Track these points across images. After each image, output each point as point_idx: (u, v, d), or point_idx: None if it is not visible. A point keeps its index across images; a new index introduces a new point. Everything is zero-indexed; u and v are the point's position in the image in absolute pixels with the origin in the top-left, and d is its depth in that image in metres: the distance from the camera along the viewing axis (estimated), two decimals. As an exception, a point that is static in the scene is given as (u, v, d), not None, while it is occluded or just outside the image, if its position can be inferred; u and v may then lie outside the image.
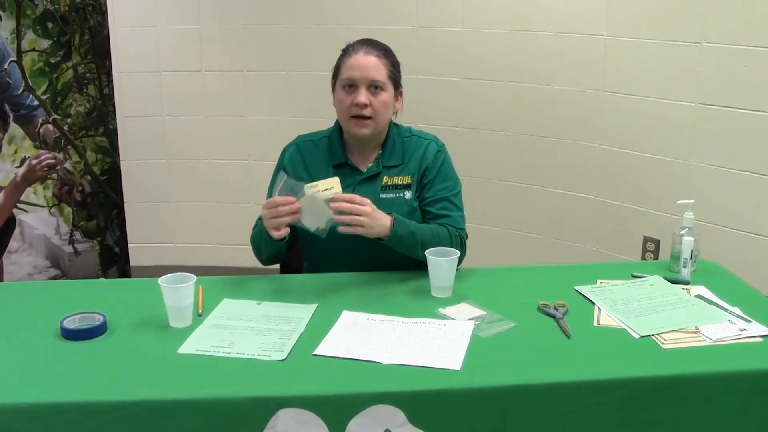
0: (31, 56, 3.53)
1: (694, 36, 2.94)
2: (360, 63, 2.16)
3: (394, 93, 2.22)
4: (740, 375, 1.66)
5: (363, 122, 2.17)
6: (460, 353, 1.69)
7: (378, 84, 2.16)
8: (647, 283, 2.10)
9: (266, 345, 1.73)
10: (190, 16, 3.85)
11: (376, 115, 2.17)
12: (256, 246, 2.23)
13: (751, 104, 2.83)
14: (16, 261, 3.65)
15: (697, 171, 3.03)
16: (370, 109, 2.15)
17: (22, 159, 3.59)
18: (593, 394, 1.61)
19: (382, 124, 2.21)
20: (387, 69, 2.18)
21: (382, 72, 2.17)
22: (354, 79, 2.16)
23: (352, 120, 2.18)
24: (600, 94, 3.29)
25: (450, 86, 3.66)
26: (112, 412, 1.52)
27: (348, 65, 2.18)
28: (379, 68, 2.17)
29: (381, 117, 2.19)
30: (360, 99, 2.14)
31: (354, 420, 1.55)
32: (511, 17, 3.46)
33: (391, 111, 2.24)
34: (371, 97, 2.15)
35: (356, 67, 2.16)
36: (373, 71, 2.16)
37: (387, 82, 2.18)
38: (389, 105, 2.20)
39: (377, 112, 2.17)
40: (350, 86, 2.17)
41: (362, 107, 2.14)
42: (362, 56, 2.17)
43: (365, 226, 1.99)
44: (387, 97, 2.18)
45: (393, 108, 2.24)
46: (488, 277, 2.18)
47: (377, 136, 2.23)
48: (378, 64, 2.17)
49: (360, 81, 2.15)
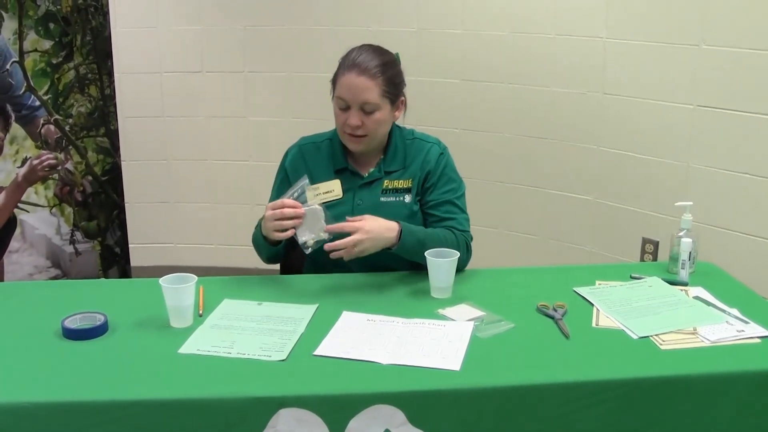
0: (33, 57, 3.54)
1: (693, 38, 2.95)
2: (351, 84, 2.11)
3: (391, 107, 2.18)
4: (738, 376, 1.66)
5: (357, 139, 2.17)
6: (459, 353, 1.70)
7: (369, 107, 2.12)
8: (646, 284, 2.10)
9: (267, 345, 1.74)
10: (191, 17, 3.86)
11: (369, 133, 2.15)
12: (256, 246, 2.24)
13: (749, 106, 2.84)
14: (16, 261, 3.66)
15: (696, 173, 3.03)
16: (363, 129, 2.14)
17: (23, 159, 3.60)
18: (592, 395, 1.62)
19: (377, 139, 2.20)
20: (380, 88, 2.12)
21: (373, 93, 2.11)
22: (346, 100, 2.13)
23: (346, 135, 2.18)
24: (599, 96, 3.30)
25: (449, 88, 3.67)
26: (113, 411, 1.53)
27: (341, 84, 2.14)
28: (370, 89, 2.11)
29: (375, 134, 2.17)
30: (351, 121, 2.13)
31: (354, 420, 1.55)
32: (511, 19, 3.46)
33: (388, 125, 2.22)
34: (364, 118, 2.13)
35: (347, 88, 2.12)
36: (364, 94, 2.11)
37: (380, 101, 2.13)
38: (384, 122, 2.17)
39: (370, 131, 2.15)
40: (343, 106, 2.15)
41: (354, 128, 2.14)
42: (354, 77, 2.11)
43: (363, 251, 2.01)
44: (381, 115, 2.15)
45: (391, 120, 2.22)
46: (487, 278, 2.19)
47: (371, 148, 2.23)
48: (369, 85, 2.11)
49: (351, 103, 2.13)
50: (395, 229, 2.07)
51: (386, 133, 2.23)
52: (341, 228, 2.01)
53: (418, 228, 2.14)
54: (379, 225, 2.05)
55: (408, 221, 2.16)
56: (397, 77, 2.20)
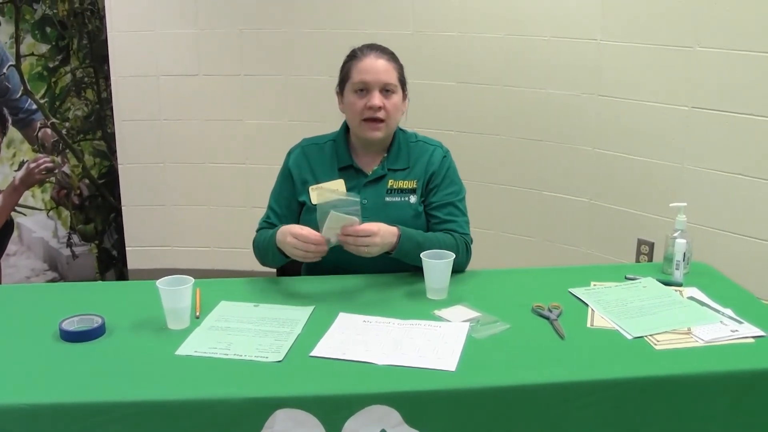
0: (29, 60, 3.54)
1: (687, 40, 2.96)
2: (372, 66, 2.19)
3: (403, 96, 2.25)
4: (732, 375, 1.67)
5: (376, 125, 2.19)
6: (455, 354, 1.71)
7: (390, 87, 2.19)
8: (640, 285, 2.11)
9: (263, 346, 1.75)
10: (187, 21, 3.87)
11: (388, 117, 2.19)
12: (262, 253, 2.24)
13: (743, 108, 2.85)
14: (14, 264, 3.66)
15: (691, 174, 3.05)
16: (384, 111, 2.18)
17: (20, 162, 3.60)
18: (587, 394, 1.62)
19: (393, 126, 2.24)
20: (397, 72, 2.22)
21: (392, 75, 2.20)
22: (367, 82, 2.18)
23: (364, 123, 2.19)
24: (594, 98, 3.31)
25: (446, 90, 3.68)
26: (111, 412, 1.53)
27: (359, 69, 2.19)
28: (389, 71, 2.20)
29: (393, 120, 2.22)
30: (374, 102, 2.16)
31: (350, 420, 1.56)
32: (506, 22, 3.48)
33: (400, 115, 2.26)
34: (384, 100, 2.18)
35: (368, 70, 2.18)
36: (385, 74, 2.19)
37: (397, 84, 2.22)
38: (400, 108, 2.24)
39: (390, 115, 2.20)
40: (362, 90, 2.19)
41: (377, 110, 2.17)
42: (373, 59, 2.20)
43: (370, 252, 2.02)
44: (398, 99, 2.22)
45: (402, 111, 2.27)
46: (483, 279, 2.20)
47: (385, 139, 2.26)
48: (388, 67, 2.20)
49: (373, 84, 2.17)
50: (395, 233, 2.08)
51: (397, 124, 2.27)
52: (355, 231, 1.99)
53: (416, 232, 2.15)
54: (386, 228, 2.07)
55: (413, 222, 2.18)
56: (403, 69, 2.28)
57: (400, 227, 2.10)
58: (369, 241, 2.00)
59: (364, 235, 1.99)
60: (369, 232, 1.99)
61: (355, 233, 1.98)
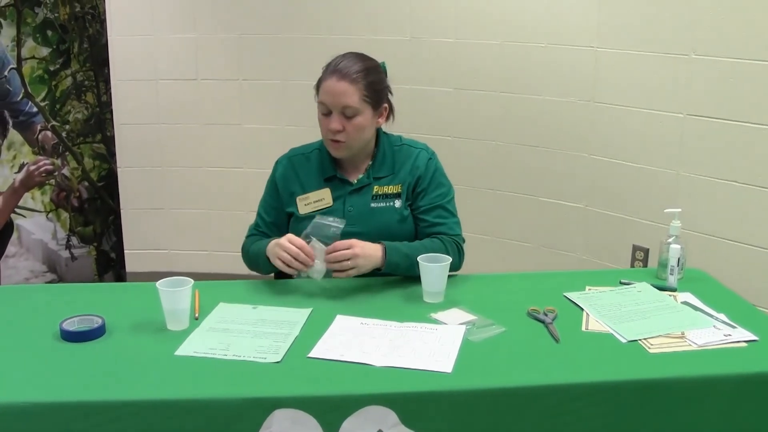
0: (30, 64, 3.56)
1: (683, 48, 2.98)
2: (332, 89, 2.15)
3: (373, 113, 2.21)
4: (725, 379, 1.69)
5: (337, 145, 2.20)
6: (451, 356, 1.73)
7: (349, 111, 2.16)
8: (635, 289, 2.13)
9: (262, 348, 1.76)
10: (187, 25, 3.88)
11: (349, 139, 2.18)
12: (251, 260, 2.27)
13: (738, 115, 2.87)
14: (13, 265, 3.67)
15: (686, 181, 3.07)
16: (344, 134, 2.17)
17: (20, 165, 3.62)
18: (581, 397, 1.64)
19: (357, 145, 2.22)
20: (360, 93, 2.15)
21: (353, 97, 2.15)
22: (326, 105, 2.18)
23: (328, 141, 2.21)
24: (590, 105, 3.33)
25: (442, 96, 3.70)
26: (111, 411, 1.55)
27: (323, 89, 2.19)
28: (350, 94, 2.14)
29: (355, 140, 2.20)
30: (332, 125, 2.16)
31: (347, 420, 1.58)
32: (503, 28, 3.50)
33: (371, 131, 2.24)
34: (345, 123, 2.16)
35: (328, 92, 2.16)
36: (344, 98, 2.14)
37: (361, 105, 2.16)
38: (365, 127, 2.20)
39: (351, 137, 2.18)
40: (325, 111, 2.19)
41: (335, 133, 2.17)
42: (334, 82, 2.15)
43: (356, 267, 2.05)
44: (362, 120, 2.18)
45: (373, 126, 2.25)
46: (479, 283, 2.21)
47: (364, 149, 2.26)
48: (349, 89, 2.14)
49: (332, 107, 2.17)
50: (380, 249, 2.11)
51: (368, 139, 2.26)
52: (332, 247, 2.05)
53: (401, 244, 2.16)
54: (367, 245, 2.09)
55: (398, 226, 2.20)
56: (379, 83, 2.22)
57: (383, 242, 2.12)
58: (350, 254, 2.03)
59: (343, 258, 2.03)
60: (345, 245, 2.04)
61: (335, 259, 2.03)
